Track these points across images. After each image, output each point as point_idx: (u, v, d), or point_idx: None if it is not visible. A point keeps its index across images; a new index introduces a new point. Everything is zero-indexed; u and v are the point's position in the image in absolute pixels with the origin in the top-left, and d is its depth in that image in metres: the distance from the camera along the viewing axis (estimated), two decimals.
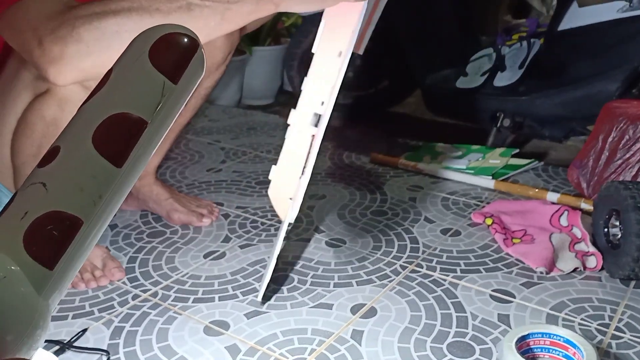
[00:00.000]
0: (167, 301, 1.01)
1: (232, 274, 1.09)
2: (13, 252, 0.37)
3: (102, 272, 1.07)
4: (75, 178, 0.40)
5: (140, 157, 0.43)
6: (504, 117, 1.63)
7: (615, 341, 0.89)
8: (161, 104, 0.44)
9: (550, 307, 0.98)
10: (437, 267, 1.10)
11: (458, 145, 1.68)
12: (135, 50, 0.46)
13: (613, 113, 1.29)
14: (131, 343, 0.90)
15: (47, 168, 0.40)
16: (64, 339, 0.91)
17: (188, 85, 0.47)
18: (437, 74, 1.86)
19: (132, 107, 0.43)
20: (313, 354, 0.87)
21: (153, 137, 0.44)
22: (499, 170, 1.49)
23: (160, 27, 0.47)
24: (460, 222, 1.27)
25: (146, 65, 0.45)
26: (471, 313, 0.96)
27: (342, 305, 0.99)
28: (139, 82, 0.45)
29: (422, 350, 0.88)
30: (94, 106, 0.43)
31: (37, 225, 0.38)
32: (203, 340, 0.91)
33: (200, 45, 0.47)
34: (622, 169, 1.24)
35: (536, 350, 0.85)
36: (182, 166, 1.64)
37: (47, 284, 0.37)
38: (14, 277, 0.36)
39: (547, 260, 1.07)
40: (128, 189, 0.43)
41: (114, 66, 0.45)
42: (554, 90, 1.59)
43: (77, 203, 0.40)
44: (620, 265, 1.02)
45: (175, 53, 0.46)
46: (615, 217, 1.07)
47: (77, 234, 0.39)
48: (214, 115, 2.12)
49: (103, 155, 0.41)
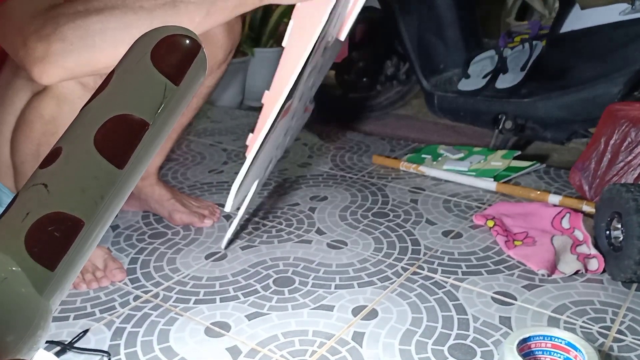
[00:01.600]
0: (169, 302, 1.01)
1: (233, 275, 1.09)
2: (14, 253, 0.37)
3: (104, 273, 1.07)
4: (77, 179, 0.40)
5: (141, 159, 0.43)
6: (506, 119, 1.63)
7: (617, 344, 0.89)
8: (163, 105, 0.44)
9: (552, 310, 0.97)
10: (439, 269, 1.10)
11: (460, 147, 1.68)
12: (137, 52, 0.46)
13: (615, 116, 1.29)
14: (132, 344, 0.91)
15: (48, 169, 0.41)
16: (65, 339, 0.91)
17: (190, 86, 0.47)
18: (440, 76, 1.86)
19: (133, 109, 0.43)
20: (314, 356, 0.87)
21: (155, 138, 0.44)
22: (501, 172, 1.49)
23: (162, 29, 0.47)
24: (462, 224, 1.27)
25: (148, 67, 0.45)
26: (472, 315, 0.96)
27: (343, 307, 0.99)
28: (141, 84, 0.45)
29: (424, 353, 0.87)
30: (95, 107, 0.43)
31: (39, 226, 0.38)
32: (204, 341, 0.91)
33: (202, 47, 0.47)
34: (624, 172, 1.24)
35: (537, 353, 0.85)
36: (184, 167, 1.64)
37: (49, 285, 0.37)
38: (16, 277, 0.36)
39: (549, 263, 1.07)
40: (129, 190, 0.43)
41: (116, 68, 0.46)
42: (556, 93, 1.59)
43: (78, 204, 0.40)
44: (622, 268, 1.01)
45: (177, 55, 0.46)
46: (617, 219, 1.07)
47: (79, 234, 0.39)
48: (215, 117, 2.12)
49: (105, 157, 0.41)
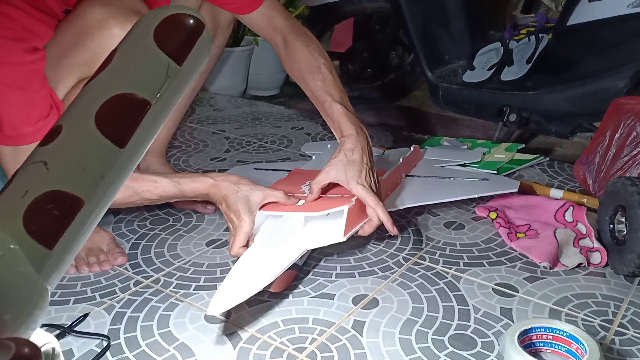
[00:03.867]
0: (169, 288, 1.01)
1: (233, 262, 1.08)
2: (13, 230, 0.36)
3: (106, 257, 1.07)
4: (77, 157, 0.40)
5: (143, 138, 0.43)
6: (511, 112, 1.62)
7: (618, 337, 0.89)
8: (165, 85, 0.44)
9: (554, 302, 0.97)
10: (440, 260, 1.09)
11: (463, 139, 1.67)
12: (140, 31, 0.45)
13: (621, 109, 1.28)
14: (132, 329, 0.90)
15: (48, 147, 0.40)
16: (65, 323, 0.91)
17: (193, 67, 0.46)
18: (444, 67, 1.85)
19: (135, 88, 0.43)
20: (314, 344, 0.87)
21: (157, 118, 0.44)
22: (504, 165, 1.48)
23: (166, 8, 0.46)
24: (464, 216, 1.27)
25: (151, 46, 0.44)
26: (473, 306, 0.96)
27: (344, 295, 0.99)
28: (143, 63, 0.44)
29: (424, 342, 0.87)
30: (97, 86, 0.43)
31: (38, 204, 0.37)
32: (204, 327, 0.91)
33: (205, 27, 0.46)
34: (628, 166, 1.23)
35: (539, 345, 0.85)
36: (187, 155, 1.63)
37: (47, 264, 0.37)
38: (13, 255, 0.36)
39: (551, 255, 1.06)
40: (131, 169, 0.43)
41: (118, 46, 0.45)
42: (562, 86, 1.58)
43: (78, 183, 0.39)
44: (625, 261, 1.01)
45: (181, 34, 0.46)
46: (621, 213, 1.06)
47: (78, 213, 0.39)
48: (219, 105, 2.11)
49: (105, 135, 0.41)
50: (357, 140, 1.02)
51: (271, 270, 0.91)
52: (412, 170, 1.35)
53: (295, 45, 1.11)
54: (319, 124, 1.86)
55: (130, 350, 0.86)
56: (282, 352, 0.85)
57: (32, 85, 0.88)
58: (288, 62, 1.12)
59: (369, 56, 2.13)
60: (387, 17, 2.09)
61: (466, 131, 1.90)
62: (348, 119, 1.04)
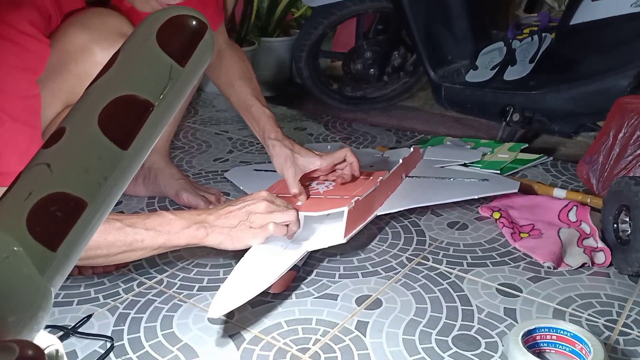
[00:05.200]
0: (172, 289, 1.01)
1: (237, 263, 1.08)
2: (16, 232, 0.36)
3: None
4: (81, 159, 0.40)
5: (146, 140, 0.43)
6: (514, 112, 1.62)
7: (622, 337, 0.89)
8: (168, 86, 0.44)
9: (558, 302, 0.97)
10: (444, 260, 1.09)
11: (467, 139, 1.67)
12: (143, 32, 0.45)
13: (624, 109, 1.28)
14: (135, 330, 0.90)
15: (52, 149, 0.40)
16: (69, 324, 0.91)
17: (196, 68, 0.46)
18: (447, 67, 1.84)
19: (138, 89, 0.43)
20: (317, 344, 0.87)
21: (160, 119, 0.44)
22: (508, 164, 1.48)
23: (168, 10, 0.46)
24: (468, 216, 1.27)
25: (154, 48, 0.44)
26: (477, 306, 0.96)
27: (347, 296, 0.99)
28: (146, 65, 0.44)
29: (427, 343, 0.87)
30: (100, 87, 0.43)
31: (41, 206, 0.37)
32: (207, 328, 0.91)
33: (208, 28, 0.46)
34: (632, 165, 1.22)
35: (543, 345, 0.85)
36: (189, 155, 1.63)
37: (50, 266, 0.37)
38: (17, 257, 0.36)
39: (555, 255, 1.06)
40: (134, 171, 0.43)
41: (121, 48, 0.45)
42: (565, 85, 1.57)
43: (81, 184, 0.39)
44: (629, 261, 1.01)
45: (183, 36, 0.46)
46: (625, 213, 1.06)
47: (82, 215, 0.39)
48: (221, 105, 2.11)
49: (109, 137, 0.41)
50: (284, 136, 1.17)
51: (271, 273, 0.91)
52: (412, 171, 1.36)
53: (233, 57, 1.25)
54: (321, 125, 1.86)
55: (134, 352, 0.86)
56: (286, 353, 0.85)
57: (31, 121, 0.83)
58: (218, 67, 1.24)
59: (371, 56, 2.12)
60: (389, 17, 2.09)
61: (469, 131, 1.89)
62: (274, 122, 1.19)
